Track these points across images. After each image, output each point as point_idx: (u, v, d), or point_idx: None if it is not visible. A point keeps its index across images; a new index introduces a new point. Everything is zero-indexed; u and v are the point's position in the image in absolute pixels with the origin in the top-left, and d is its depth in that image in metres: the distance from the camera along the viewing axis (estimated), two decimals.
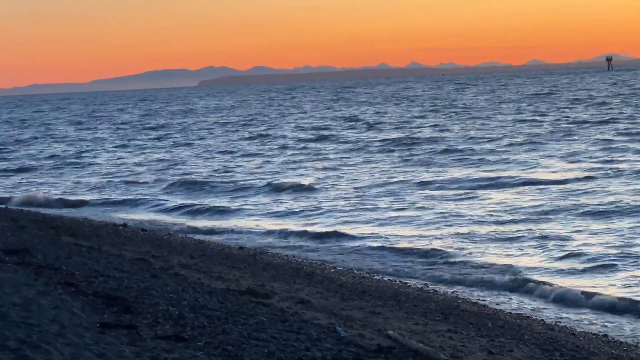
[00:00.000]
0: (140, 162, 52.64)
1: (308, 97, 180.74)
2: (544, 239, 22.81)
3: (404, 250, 22.75)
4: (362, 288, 17.08)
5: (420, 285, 18.81)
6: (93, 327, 9.45)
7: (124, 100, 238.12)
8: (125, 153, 60.14)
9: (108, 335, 9.13)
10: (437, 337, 12.42)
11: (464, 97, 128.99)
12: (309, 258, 22.28)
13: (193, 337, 9.67)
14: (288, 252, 23.29)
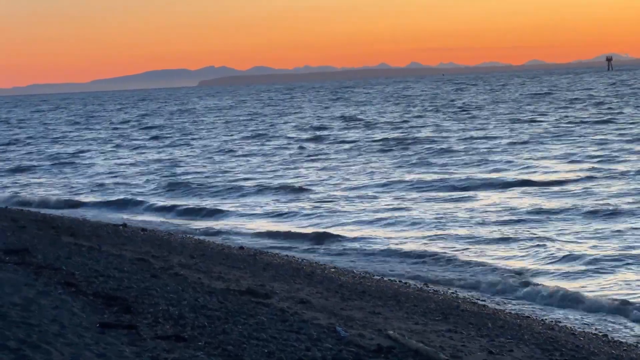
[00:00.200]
0: (137, 162, 52.45)
1: (307, 97, 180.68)
2: (544, 240, 22.78)
3: (401, 252, 22.52)
4: (362, 288, 17.08)
5: (420, 285, 18.80)
6: (93, 327, 9.46)
7: (123, 100, 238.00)
8: (122, 153, 60.06)
9: (108, 335, 9.14)
10: (437, 337, 12.42)
11: (464, 96, 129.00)
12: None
13: (193, 337, 9.67)
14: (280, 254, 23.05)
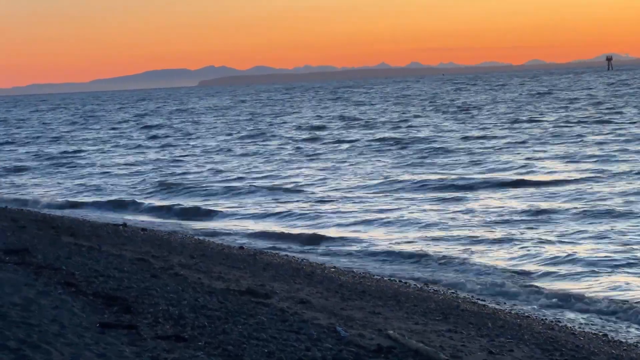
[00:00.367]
0: (134, 162, 52.34)
1: (306, 96, 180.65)
2: (543, 240, 22.78)
3: (400, 253, 22.42)
4: (362, 288, 17.07)
5: (420, 285, 18.79)
6: (93, 327, 9.46)
7: (123, 100, 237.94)
8: (119, 153, 60.04)
9: (108, 335, 9.14)
10: (437, 337, 12.42)
11: (463, 96, 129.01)
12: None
13: (193, 337, 9.67)
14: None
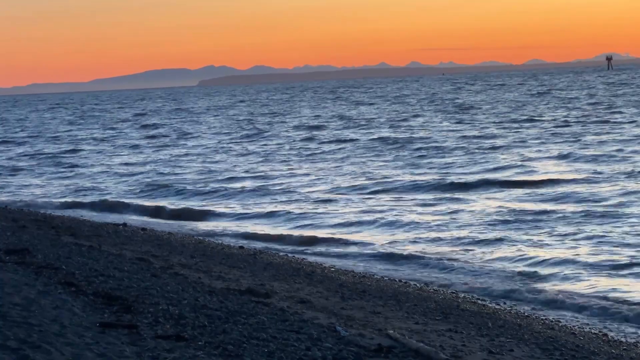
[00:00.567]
0: (130, 162, 52.18)
1: (306, 96, 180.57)
2: (543, 240, 22.79)
3: (399, 253, 22.33)
4: (362, 288, 17.08)
5: (420, 285, 18.80)
6: (93, 326, 9.46)
7: (122, 100, 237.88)
8: (116, 153, 59.95)
9: (108, 335, 9.14)
10: (437, 336, 12.43)
11: (462, 96, 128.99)
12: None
13: (193, 336, 9.67)
14: None
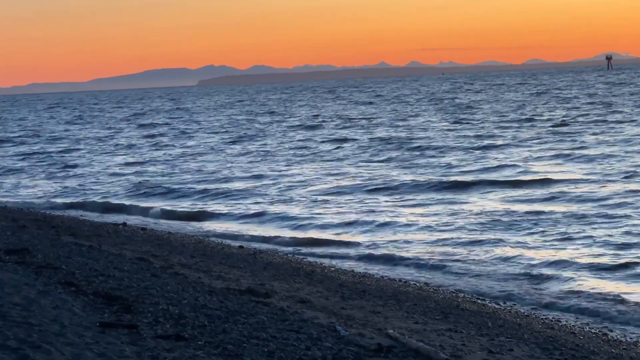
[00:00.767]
0: (127, 162, 52.07)
1: (305, 95, 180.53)
2: (542, 240, 22.78)
3: (398, 254, 22.30)
4: (362, 287, 17.08)
5: (420, 285, 18.81)
6: (93, 326, 9.46)
7: (122, 100, 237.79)
8: (113, 152, 59.92)
9: (108, 335, 9.14)
10: (437, 336, 12.43)
11: (462, 95, 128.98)
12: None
13: (193, 336, 9.67)
14: None
